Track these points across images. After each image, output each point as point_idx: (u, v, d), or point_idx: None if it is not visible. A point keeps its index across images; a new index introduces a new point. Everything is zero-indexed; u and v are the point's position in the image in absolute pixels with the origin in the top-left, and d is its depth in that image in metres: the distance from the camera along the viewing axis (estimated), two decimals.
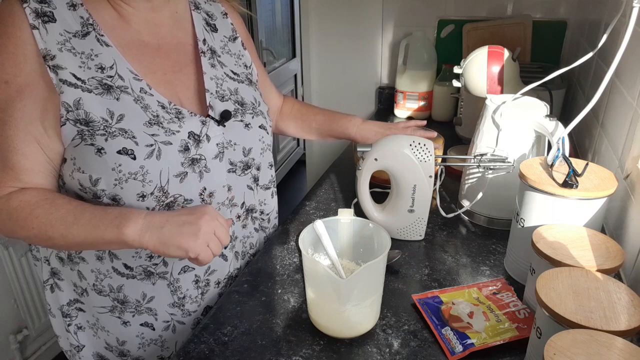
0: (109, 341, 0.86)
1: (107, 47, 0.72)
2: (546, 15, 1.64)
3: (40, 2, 0.69)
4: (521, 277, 0.83)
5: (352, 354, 0.69)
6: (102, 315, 0.83)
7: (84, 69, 0.70)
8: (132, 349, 0.86)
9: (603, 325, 0.52)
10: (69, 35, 0.70)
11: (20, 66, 0.68)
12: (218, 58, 0.86)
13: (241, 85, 0.87)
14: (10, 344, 1.72)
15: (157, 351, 0.87)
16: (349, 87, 1.97)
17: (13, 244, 1.62)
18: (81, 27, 0.71)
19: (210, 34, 0.87)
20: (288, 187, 3.50)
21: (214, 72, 0.84)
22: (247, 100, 0.86)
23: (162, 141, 0.73)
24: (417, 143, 0.89)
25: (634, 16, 0.78)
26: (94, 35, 0.72)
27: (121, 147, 0.70)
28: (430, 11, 1.75)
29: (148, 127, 0.72)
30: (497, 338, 0.69)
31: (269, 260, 0.91)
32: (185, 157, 0.75)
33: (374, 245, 0.76)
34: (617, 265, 0.64)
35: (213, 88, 0.82)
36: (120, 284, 0.80)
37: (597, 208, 0.75)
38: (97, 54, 0.71)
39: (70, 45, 0.70)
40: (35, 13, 0.68)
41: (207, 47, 0.85)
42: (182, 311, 0.84)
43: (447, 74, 1.66)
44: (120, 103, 0.71)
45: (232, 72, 0.87)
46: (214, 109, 0.80)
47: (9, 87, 0.68)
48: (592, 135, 1.18)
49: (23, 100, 0.69)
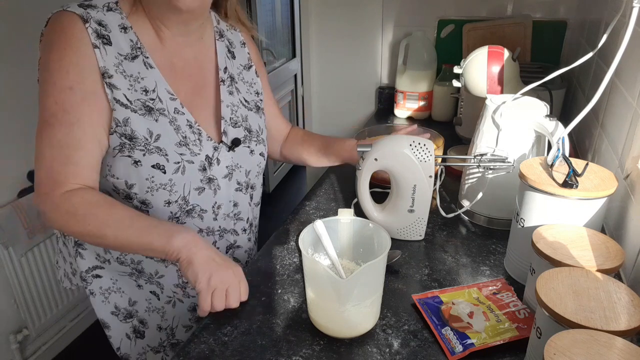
0: (118, 304, 0.95)
1: (151, 69, 0.81)
2: (546, 15, 1.64)
3: (99, 24, 0.77)
4: (521, 277, 0.83)
5: (352, 354, 0.69)
6: (121, 277, 0.94)
7: (132, 91, 0.79)
8: (140, 310, 0.97)
9: (603, 325, 0.52)
10: (121, 58, 0.78)
11: (83, 75, 0.75)
12: (235, 85, 0.95)
13: (250, 113, 0.97)
14: (10, 343, 1.72)
15: (157, 319, 0.98)
16: (349, 87, 1.97)
17: (13, 244, 1.62)
18: (131, 49, 0.80)
19: (230, 61, 0.96)
20: (288, 187, 3.50)
21: (231, 100, 0.93)
22: (253, 127, 0.96)
23: (187, 160, 0.84)
24: (417, 143, 0.89)
25: (634, 16, 0.78)
26: (142, 58, 0.81)
27: (155, 162, 0.81)
28: (430, 11, 1.75)
29: (178, 147, 0.83)
30: (497, 338, 0.69)
31: (269, 260, 0.91)
32: (203, 175, 0.87)
33: (374, 245, 0.76)
34: (617, 265, 0.64)
35: (228, 115, 0.91)
36: (140, 259, 0.92)
37: (597, 208, 0.75)
38: (143, 77, 0.80)
39: (122, 68, 0.78)
40: (96, 33, 0.76)
41: (227, 75, 0.94)
42: (184, 292, 0.97)
43: (447, 74, 1.66)
44: (159, 124, 0.81)
45: (244, 100, 0.96)
46: (227, 134, 0.91)
47: (73, 93, 0.75)
48: (592, 135, 1.18)
49: (88, 105, 0.76)
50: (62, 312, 1.89)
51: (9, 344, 1.72)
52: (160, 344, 0.99)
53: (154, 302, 0.97)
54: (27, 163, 1.72)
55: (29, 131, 1.68)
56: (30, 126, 1.69)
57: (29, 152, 1.68)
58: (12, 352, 1.73)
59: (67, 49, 0.74)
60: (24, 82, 1.66)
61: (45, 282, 1.79)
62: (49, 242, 1.77)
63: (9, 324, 1.72)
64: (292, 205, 3.11)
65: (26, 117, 1.68)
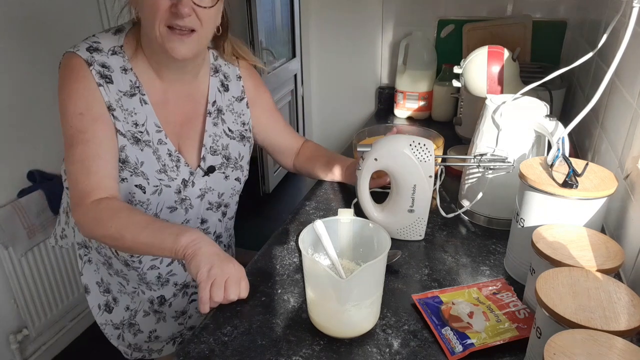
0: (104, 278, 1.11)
1: (145, 105, 0.93)
2: (546, 15, 1.64)
3: (102, 66, 0.89)
4: (521, 277, 0.83)
5: (352, 353, 0.69)
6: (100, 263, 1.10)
7: (124, 123, 0.91)
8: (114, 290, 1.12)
9: (603, 325, 0.52)
10: (121, 94, 0.91)
11: (91, 103, 0.87)
12: (222, 116, 1.05)
13: (232, 142, 1.07)
14: (10, 343, 1.72)
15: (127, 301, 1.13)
16: (349, 87, 1.97)
17: (13, 244, 1.62)
18: (130, 88, 0.92)
19: (222, 94, 1.05)
20: (288, 187, 3.50)
21: (214, 130, 1.03)
22: (233, 155, 1.07)
23: (165, 184, 0.96)
24: (417, 143, 0.89)
25: (634, 16, 0.78)
26: (139, 96, 0.93)
27: (138, 183, 0.94)
28: (430, 11, 1.75)
29: (158, 174, 0.95)
30: (497, 338, 0.69)
31: (269, 261, 0.91)
32: (178, 197, 0.99)
33: (373, 245, 0.76)
34: (617, 265, 0.64)
35: (209, 144, 1.02)
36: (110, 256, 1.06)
37: (597, 208, 0.75)
38: (136, 112, 0.92)
39: (121, 103, 0.91)
40: (99, 74, 0.89)
41: (215, 107, 1.04)
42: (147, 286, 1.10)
43: (447, 74, 1.66)
44: (143, 153, 0.93)
45: (228, 129, 1.06)
46: (205, 160, 1.02)
47: (84, 117, 0.87)
48: (592, 135, 1.18)
49: (99, 125, 0.88)
50: (62, 312, 1.89)
51: (8, 344, 1.72)
52: (121, 322, 1.13)
53: (122, 288, 1.11)
54: (27, 163, 1.72)
55: (29, 131, 1.69)
56: (29, 126, 1.69)
57: (29, 152, 1.69)
58: (12, 352, 1.73)
59: (75, 84, 0.87)
60: (24, 82, 1.66)
61: (45, 282, 1.79)
62: (49, 242, 1.77)
63: (9, 324, 1.72)
64: (291, 205, 3.11)
65: (26, 118, 1.68)
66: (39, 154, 1.75)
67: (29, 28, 1.65)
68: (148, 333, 1.16)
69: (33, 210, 1.67)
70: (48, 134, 1.76)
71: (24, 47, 1.64)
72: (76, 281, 1.93)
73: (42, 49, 1.70)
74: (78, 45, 0.89)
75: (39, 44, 1.69)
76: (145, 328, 1.15)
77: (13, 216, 1.61)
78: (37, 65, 1.69)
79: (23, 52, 1.64)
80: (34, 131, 1.72)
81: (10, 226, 1.60)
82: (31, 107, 1.70)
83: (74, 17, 1.82)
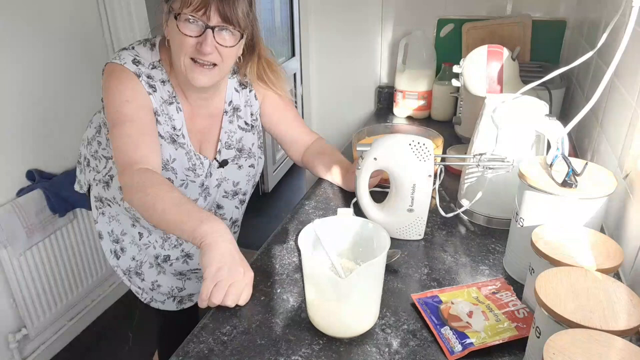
0: (114, 229, 1.22)
1: (180, 113, 1.05)
2: (546, 14, 1.64)
3: (148, 77, 1.00)
4: (520, 277, 0.83)
5: (352, 353, 0.69)
6: (123, 214, 1.19)
7: (164, 126, 1.03)
8: (126, 240, 1.22)
9: (602, 325, 0.52)
10: (162, 101, 1.03)
11: (136, 94, 0.98)
12: (238, 113, 1.16)
13: (246, 135, 1.18)
14: (9, 343, 1.72)
15: (135, 251, 1.23)
16: (349, 86, 1.97)
17: (12, 243, 1.62)
18: (168, 97, 1.04)
19: (239, 92, 1.15)
20: (287, 186, 3.50)
21: (229, 127, 1.15)
22: (246, 146, 1.19)
23: (190, 179, 1.09)
24: (416, 142, 0.89)
25: (634, 16, 0.78)
26: (175, 105, 1.05)
27: (167, 176, 1.06)
28: (430, 10, 1.75)
29: (186, 171, 1.08)
30: (497, 337, 0.69)
31: (268, 260, 0.91)
32: (201, 189, 1.12)
33: (373, 244, 0.76)
34: (616, 265, 0.64)
35: (225, 139, 1.14)
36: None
37: (596, 208, 0.75)
38: (174, 118, 1.04)
39: (163, 108, 1.03)
40: (147, 84, 1.00)
41: (231, 107, 1.14)
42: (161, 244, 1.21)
43: (446, 73, 1.66)
44: (177, 152, 1.06)
45: (244, 123, 1.17)
46: (221, 154, 1.14)
47: (130, 104, 0.96)
48: (591, 134, 1.18)
49: (145, 113, 0.98)
50: (61, 311, 1.89)
51: (7, 344, 1.72)
52: (127, 269, 1.24)
53: (136, 240, 1.21)
54: (26, 162, 1.72)
55: (28, 131, 1.69)
56: (29, 126, 1.69)
57: (28, 151, 1.69)
58: (11, 352, 1.73)
59: (126, 90, 0.97)
60: (24, 82, 1.66)
61: (44, 282, 1.78)
62: (48, 241, 1.77)
63: (8, 323, 1.72)
64: (291, 204, 3.11)
65: (25, 117, 1.68)
66: (38, 153, 1.75)
67: (28, 28, 1.64)
68: (150, 283, 1.25)
69: (32, 209, 1.67)
70: (47, 133, 1.76)
71: (23, 47, 1.64)
72: (75, 281, 1.93)
73: (42, 49, 1.69)
74: (121, 56, 0.99)
75: (39, 44, 1.68)
76: (148, 278, 1.25)
77: (12, 215, 1.61)
78: (37, 65, 1.69)
79: (23, 52, 1.64)
80: (33, 130, 1.72)
81: (9, 225, 1.60)
82: (31, 106, 1.69)
83: (74, 17, 1.81)
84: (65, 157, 1.83)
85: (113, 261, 1.24)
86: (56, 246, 1.80)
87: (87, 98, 1.88)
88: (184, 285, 1.30)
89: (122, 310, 2.12)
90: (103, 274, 2.05)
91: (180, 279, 1.29)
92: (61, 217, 1.77)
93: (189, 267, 1.27)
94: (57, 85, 1.77)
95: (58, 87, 1.78)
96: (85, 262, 1.95)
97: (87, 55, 1.88)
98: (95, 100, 1.96)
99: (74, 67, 1.83)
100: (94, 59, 1.91)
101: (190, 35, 0.92)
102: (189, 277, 1.30)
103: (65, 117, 1.82)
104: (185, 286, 1.30)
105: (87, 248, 1.95)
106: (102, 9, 1.93)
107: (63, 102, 1.80)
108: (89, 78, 1.89)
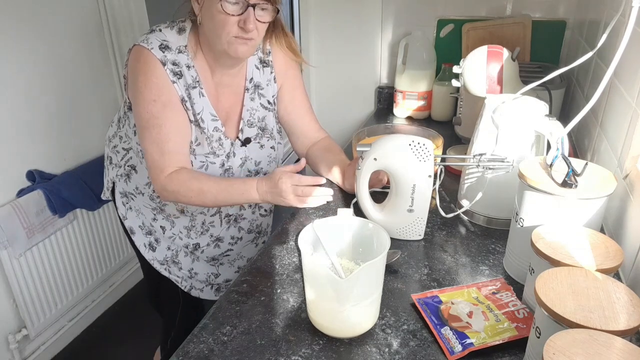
0: (145, 222, 1.26)
1: (202, 98, 1.08)
2: (545, 15, 1.64)
3: (173, 64, 1.03)
4: (520, 277, 0.83)
5: (352, 353, 0.69)
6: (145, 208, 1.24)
7: (190, 111, 1.07)
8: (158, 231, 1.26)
9: (602, 325, 0.52)
10: (187, 86, 1.06)
11: (161, 91, 1.02)
12: (260, 91, 1.18)
13: (268, 114, 1.20)
14: (9, 343, 1.72)
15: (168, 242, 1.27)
16: (349, 87, 1.97)
17: (12, 244, 1.62)
18: (192, 82, 1.07)
19: (260, 70, 1.18)
20: None
21: (251, 105, 1.17)
22: (269, 126, 1.21)
23: (210, 161, 1.13)
24: (416, 142, 0.89)
25: (634, 16, 0.79)
26: (198, 89, 1.08)
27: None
28: (430, 11, 1.75)
29: (206, 155, 1.12)
30: (497, 338, 0.69)
31: (268, 260, 0.91)
32: (222, 169, 1.15)
33: (373, 245, 0.76)
34: (616, 265, 0.64)
35: (247, 117, 1.17)
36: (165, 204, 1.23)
37: (596, 208, 0.75)
38: (195, 103, 1.08)
39: (188, 92, 1.06)
40: (172, 72, 1.03)
41: (252, 84, 1.17)
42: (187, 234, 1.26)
43: (446, 74, 1.66)
44: (200, 135, 1.10)
45: (267, 102, 1.20)
46: (243, 132, 1.17)
47: (156, 103, 1.02)
48: (591, 135, 1.18)
49: (170, 111, 1.03)
50: (61, 312, 1.89)
51: (7, 344, 1.72)
52: (165, 259, 1.28)
53: (162, 233, 1.26)
54: (26, 162, 1.72)
55: (28, 131, 1.69)
56: (29, 126, 1.69)
57: (28, 151, 1.69)
58: (12, 352, 1.73)
59: (152, 78, 1.02)
60: (24, 82, 1.66)
61: (44, 282, 1.78)
62: (48, 242, 1.77)
63: (8, 323, 1.72)
64: None
65: (25, 117, 1.68)
66: (38, 153, 1.74)
67: (29, 28, 1.64)
68: (187, 271, 1.30)
69: (32, 209, 1.67)
70: (47, 133, 1.75)
71: (23, 47, 1.64)
72: (76, 281, 1.92)
73: (42, 49, 1.69)
74: (149, 39, 1.02)
75: (39, 44, 1.68)
76: (185, 266, 1.30)
77: (12, 216, 1.61)
78: (36, 65, 1.69)
79: (23, 52, 1.64)
80: (33, 131, 1.72)
81: (9, 226, 1.60)
82: (31, 106, 1.69)
83: (74, 17, 1.81)
84: (65, 158, 1.83)
85: (149, 255, 1.27)
86: (56, 247, 1.80)
87: (87, 98, 1.88)
88: (218, 270, 1.34)
89: (122, 311, 2.12)
90: (103, 274, 2.05)
91: (214, 264, 1.33)
92: (61, 218, 1.77)
93: (220, 251, 1.30)
94: (57, 85, 1.77)
95: (58, 88, 1.78)
96: (85, 263, 1.95)
97: (87, 55, 1.88)
98: (96, 100, 1.97)
99: (74, 67, 1.83)
100: (94, 59, 1.91)
101: (232, 14, 0.96)
102: (222, 261, 1.33)
103: (65, 118, 1.82)
104: (219, 272, 1.34)
105: (87, 248, 1.94)
106: (102, 9, 1.93)
107: (63, 102, 1.80)
108: (89, 78, 1.89)
